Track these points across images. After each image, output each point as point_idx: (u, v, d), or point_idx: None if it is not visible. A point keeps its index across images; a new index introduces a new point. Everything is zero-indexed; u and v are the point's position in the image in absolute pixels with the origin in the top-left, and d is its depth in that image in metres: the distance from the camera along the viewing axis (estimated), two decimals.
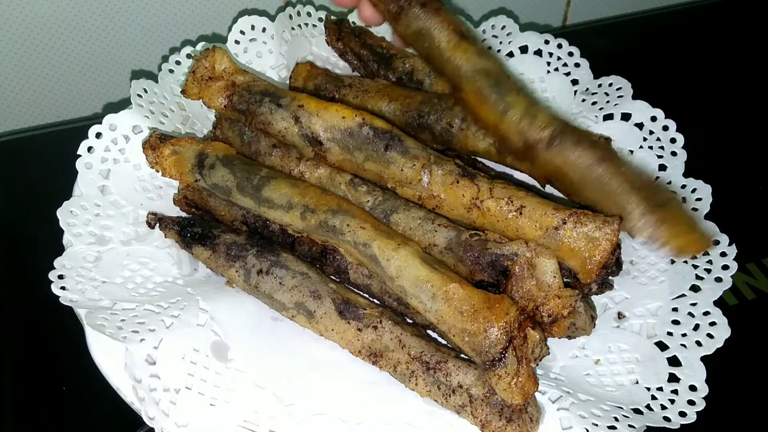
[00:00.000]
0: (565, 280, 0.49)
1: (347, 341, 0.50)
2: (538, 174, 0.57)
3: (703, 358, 0.50)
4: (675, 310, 0.53)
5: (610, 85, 0.67)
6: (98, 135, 0.58)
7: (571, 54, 0.70)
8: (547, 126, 0.47)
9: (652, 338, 0.52)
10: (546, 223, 0.48)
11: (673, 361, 0.50)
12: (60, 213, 0.54)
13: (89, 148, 0.58)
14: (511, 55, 0.71)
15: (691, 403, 0.48)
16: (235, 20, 0.70)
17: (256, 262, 0.53)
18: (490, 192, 0.50)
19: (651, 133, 0.63)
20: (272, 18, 0.70)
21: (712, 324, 0.51)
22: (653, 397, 0.49)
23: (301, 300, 0.51)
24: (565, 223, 0.48)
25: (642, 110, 0.64)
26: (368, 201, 0.53)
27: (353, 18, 0.73)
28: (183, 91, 0.58)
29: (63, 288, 0.50)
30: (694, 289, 0.54)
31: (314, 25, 0.73)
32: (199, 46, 0.67)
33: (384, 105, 0.62)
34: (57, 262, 0.51)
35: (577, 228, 0.47)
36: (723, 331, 0.51)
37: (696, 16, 0.94)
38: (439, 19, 0.47)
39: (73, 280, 0.51)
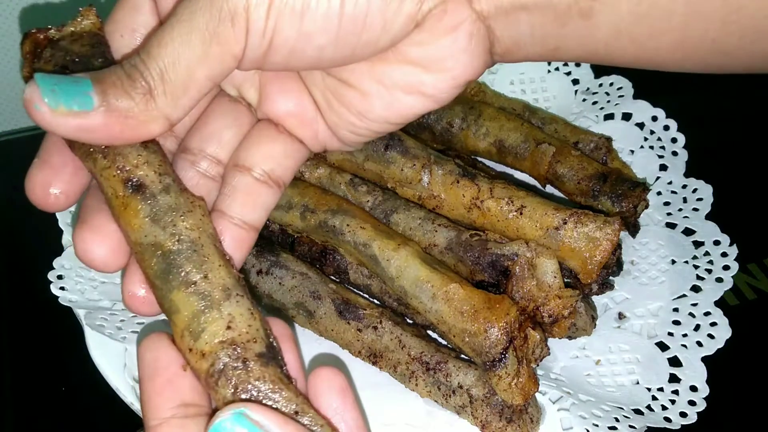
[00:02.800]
0: (565, 280, 0.49)
1: (347, 342, 0.50)
2: (536, 175, 0.57)
3: (704, 359, 0.50)
4: (676, 310, 0.53)
5: (611, 84, 0.67)
6: None
7: None
8: (209, 354, 0.28)
9: (652, 338, 0.52)
10: (546, 223, 0.48)
11: (674, 362, 0.50)
12: (60, 213, 0.54)
13: None
14: None
15: (691, 403, 0.48)
16: None
17: (255, 262, 0.53)
18: (491, 192, 0.50)
19: (652, 132, 0.63)
20: None
21: (713, 324, 0.51)
22: (654, 398, 0.49)
23: (300, 300, 0.51)
24: (565, 223, 0.47)
25: (643, 110, 0.64)
26: (368, 201, 0.53)
27: None
28: None
29: (62, 288, 0.50)
30: (695, 289, 0.54)
31: None
32: None
33: None
34: (56, 262, 0.51)
35: (578, 228, 0.47)
36: (724, 332, 0.51)
37: None
38: (106, 162, 0.30)
39: (73, 280, 0.51)
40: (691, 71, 0.35)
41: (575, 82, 0.69)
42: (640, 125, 0.64)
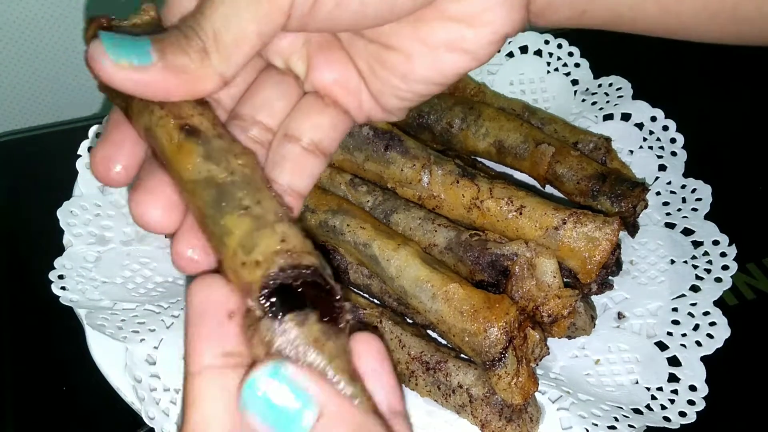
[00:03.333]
0: (565, 280, 0.49)
1: None
2: (536, 176, 0.57)
3: (703, 358, 0.50)
4: (675, 310, 0.53)
5: (610, 85, 0.67)
6: (98, 135, 0.58)
7: (571, 54, 0.70)
8: (264, 263, 0.28)
9: (652, 338, 0.52)
10: (546, 223, 0.48)
11: (673, 361, 0.50)
12: (60, 213, 0.54)
13: (89, 148, 0.58)
14: (511, 55, 0.71)
15: (690, 403, 0.48)
16: None
17: None
18: (490, 192, 0.50)
19: (651, 133, 0.63)
20: None
21: (712, 324, 0.51)
22: (653, 397, 0.49)
23: None
24: (565, 223, 0.48)
25: (642, 110, 0.64)
26: (368, 201, 0.53)
27: None
28: None
29: (63, 288, 0.50)
30: (694, 289, 0.54)
31: None
32: None
33: None
34: (57, 262, 0.51)
35: (577, 228, 0.47)
36: (723, 331, 0.51)
37: None
38: (162, 112, 0.31)
39: (74, 280, 0.51)
40: (715, 41, 0.35)
41: (575, 82, 0.69)
42: (639, 125, 0.64)
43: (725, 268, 0.54)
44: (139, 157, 0.34)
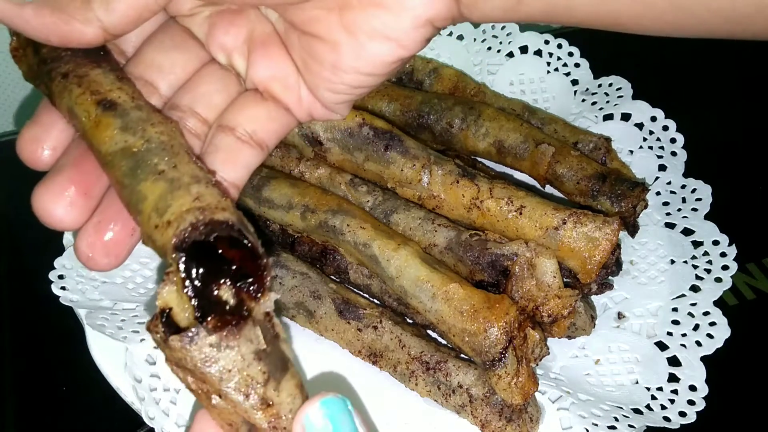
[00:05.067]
0: (565, 280, 0.49)
1: (347, 341, 0.50)
2: (536, 176, 0.57)
3: (703, 358, 0.50)
4: (675, 310, 0.53)
5: (610, 85, 0.67)
6: None
7: (571, 54, 0.70)
8: (175, 222, 0.26)
9: (651, 338, 0.52)
10: (546, 223, 0.48)
11: (673, 361, 0.50)
12: None
13: None
14: (511, 55, 0.71)
15: (690, 403, 0.48)
16: None
17: None
18: (490, 192, 0.50)
19: (651, 133, 0.64)
20: None
21: (712, 324, 0.51)
22: (653, 397, 0.49)
23: (301, 300, 0.51)
24: (565, 223, 0.48)
25: (642, 110, 0.64)
26: (368, 201, 0.53)
27: None
28: None
29: (63, 288, 0.50)
30: (694, 289, 0.54)
31: None
32: None
33: (384, 105, 0.62)
34: (57, 262, 0.51)
35: (577, 228, 0.47)
36: (723, 331, 0.51)
37: None
38: (80, 90, 0.31)
39: (74, 280, 0.51)
40: (655, 33, 0.34)
41: (574, 82, 0.69)
42: (639, 125, 0.64)
43: (725, 268, 0.54)
44: (67, 138, 0.34)
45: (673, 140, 0.63)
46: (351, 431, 0.27)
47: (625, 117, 0.65)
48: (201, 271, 0.25)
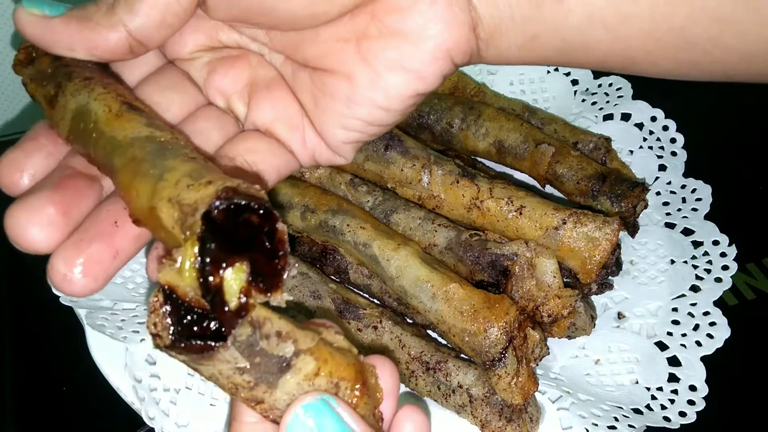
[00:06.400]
0: (565, 280, 0.49)
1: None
2: (536, 176, 0.57)
3: (703, 358, 0.50)
4: (675, 310, 0.53)
5: (610, 85, 0.67)
6: None
7: None
8: (217, 182, 0.26)
9: (651, 338, 0.52)
10: (546, 223, 0.48)
11: (673, 361, 0.50)
12: None
13: None
14: None
15: (690, 403, 0.48)
16: None
17: None
18: (490, 192, 0.50)
19: (651, 133, 0.64)
20: None
21: (712, 324, 0.51)
22: (653, 397, 0.49)
23: (300, 300, 0.51)
24: (565, 223, 0.48)
25: (642, 110, 0.64)
26: (368, 201, 0.53)
27: None
28: None
29: None
30: (694, 289, 0.54)
31: None
32: None
33: None
34: None
35: (577, 228, 0.47)
36: (723, 332, 0.51)
37: None
38: (102, 90, 0.31)
39: None
40: (672, 73, 0.34)
41: (575, 82, 0.69)
42: (639, 125, 0.64)
43: (725, 268, 0.54)
44: (48, 166, 0.32)
45: (673, 140, 0.63)
46: (336, 429, 0.27)
47: (625, 117, 0.65)
48: (221, 245, 0.25)
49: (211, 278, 0.24)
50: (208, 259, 0.24)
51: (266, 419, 0.28)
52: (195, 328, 0.25)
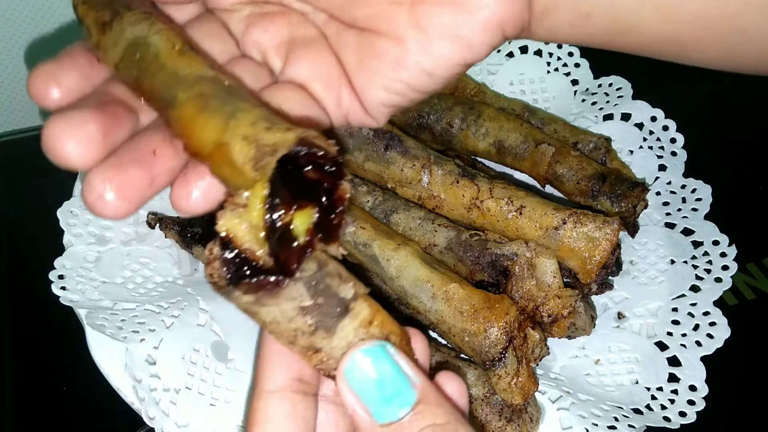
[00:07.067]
0: (565, 280, 0.49)
1: None
2: (536, 176, 0.57)
3: (703, 358, 0.50)
4: (675, 310, 0.53)
5: (610, 85, 0.67)
6: None
7: (571, 54, 0.70)
8: (297, 129, 0.27)
9: (651, 338, 0.52)
10: (546, 223, 0.48)
11: (673, 361, 0.50)
12: (60, 213, 0.54)
13: None
14: (511, 55, 0.71)
15: (690, 403, 0.48)
16: None
17: None
18: (490, 192, 0.50)
19: (651, 133, 0.63)
20: None
21: (712, 324, 0.51)
22: (653, 397, 0.49)
23: None
24: (565, 223, 0.48)
25: (642, 110, 0.64)
26: (368, 201, 0.53)
27: None
28: None
29: (63, 288, 0.50)
30: (694, 289, 0.54)
31: None
32: None
33: None
34: (57, 262, 0.51)
35: (577, 228, 0.47)
36: (723, 331, 0.51)
37: None
38: (163, 26, 0.31)
39: (74, 280, 0.51)
40: (713, 60, 0.34)
41: (575, 82, 0.69)
42: (639, 125, 0.64)
43: (725, 268, 0.54)
44: (83, 86, 0.32)
45: (673, 140, 0.63)
46: (394, 375, 0.27)
47: (625, 117, 0.65)
48: (288, 189, 0.26)
49: (280, 214, 0.26)
50: (278, 199, 0.26)
51: (320, 373, 0.28)
52: (253, 278, 0.26)
